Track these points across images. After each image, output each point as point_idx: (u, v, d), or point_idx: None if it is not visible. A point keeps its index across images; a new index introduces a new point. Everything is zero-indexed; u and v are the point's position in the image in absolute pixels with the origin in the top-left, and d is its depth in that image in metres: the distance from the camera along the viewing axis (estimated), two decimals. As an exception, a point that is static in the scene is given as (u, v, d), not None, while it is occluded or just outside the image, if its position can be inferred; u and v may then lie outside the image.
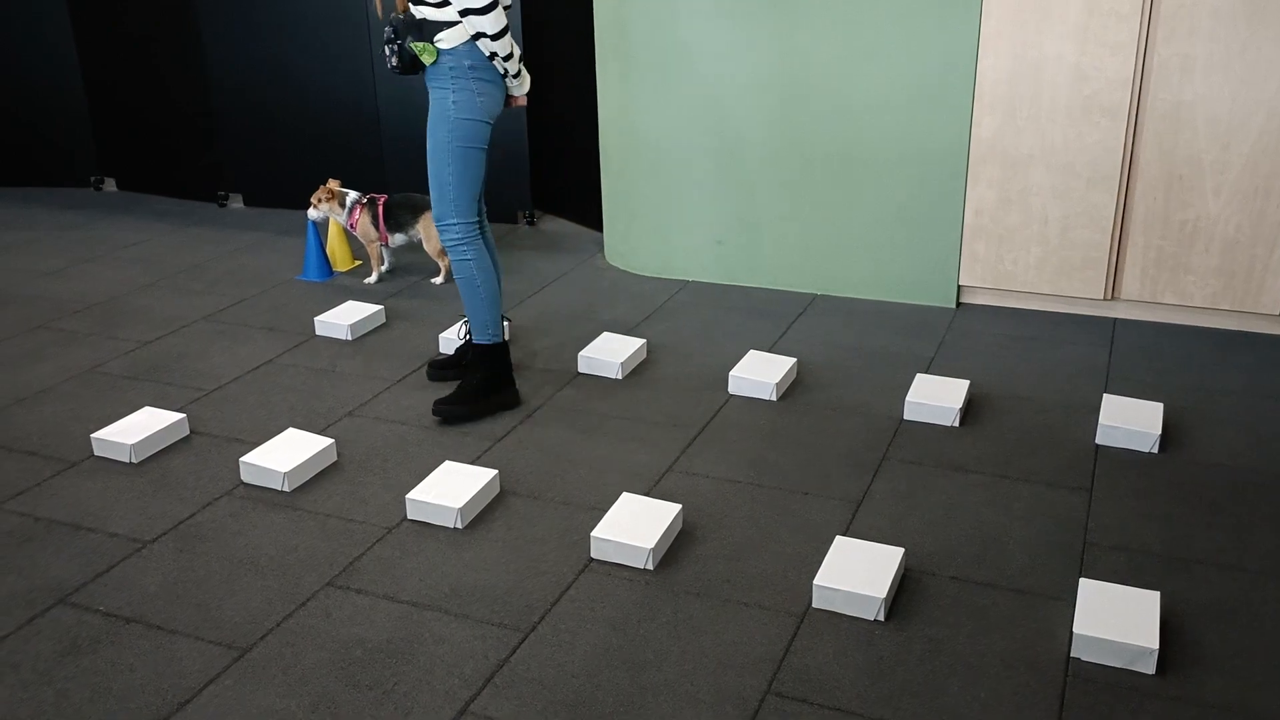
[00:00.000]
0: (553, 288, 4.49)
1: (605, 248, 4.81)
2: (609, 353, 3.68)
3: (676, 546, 2.69)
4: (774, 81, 4.12)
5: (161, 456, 3.15)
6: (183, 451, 3.18)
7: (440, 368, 3.62)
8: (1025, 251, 4.02)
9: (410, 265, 4.72)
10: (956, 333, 3.97)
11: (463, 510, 2.78)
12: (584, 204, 5.13)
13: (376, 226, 4.44)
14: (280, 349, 3.91)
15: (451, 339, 3.82)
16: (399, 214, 4.45)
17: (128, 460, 3.11)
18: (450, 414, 3.33)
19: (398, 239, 4.49)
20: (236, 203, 5.72)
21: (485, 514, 2.85)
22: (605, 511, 2.76)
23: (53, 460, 3.13)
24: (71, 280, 4.64)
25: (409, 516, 2.83)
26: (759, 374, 3.50)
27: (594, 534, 2.65)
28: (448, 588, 2.54)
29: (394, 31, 3.10)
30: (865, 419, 3.33)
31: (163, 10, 5.45)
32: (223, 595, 2.52)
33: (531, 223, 5.30)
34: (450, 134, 3.14)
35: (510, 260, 4.79)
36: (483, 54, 3.10)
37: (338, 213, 4.49)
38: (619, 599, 2.49)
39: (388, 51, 3.14)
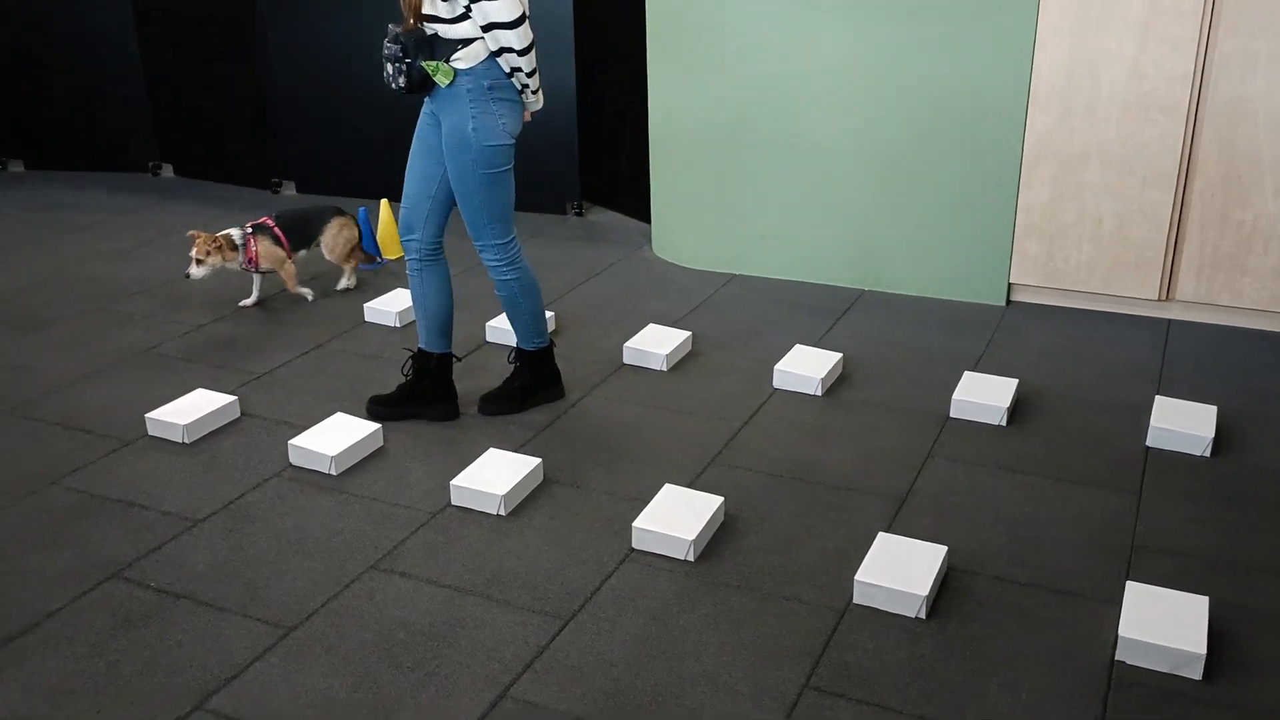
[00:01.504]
0: (599, 279, 4.50)
1: (653, 240, 4.81)
2: (654, 344, 3.69)
3: (718, 539, 2.69)
4: (826, 74, 4.09)
5: (213, 438, 3.21)
6: (233, 433, 3.24)
7: (382, 404, 3.32)
8: (1078, 250, 3.96)
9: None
10: (1006, 331, 3.92)
11: (506, 497, 2.81)
12: (632, 196, 5.13)
13: (281, 245, 4.15)
14: (329, 335, 3.96)
15: (500, 327, 3.84)
16: (299, 228, 4.22)
17: (180, 440, 3.17)
18: (496, 413, 3.33)
19: (301, 254, 4.26)
20: (290, 189, 5.79)
21: (528, 502, 2.87)
22: (647, 502, 2.77)
23: (108, 438, 3.20)
24: (130, 263, 4.73)
25: (453, 502, 2.85)
26: (804, 368, 3.48)
27: (635, 524, 2.66)
28: (489, 573, 2.57)
29: (401, 49, 2.85)
30: (911, 416, 3.30)
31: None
32: (270, 575, 2.56)
33: (579, 214, 5.32)
34: (474, 161, 2.97)
35: (557, 251, 4.81)
36: (502, 71, 2.90)
37: (231, 258, 4.06)
38: (659, 589, 2.50)
39: (391, 70, 2.89)
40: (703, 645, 2.31)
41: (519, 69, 2.91)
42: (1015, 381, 3.37)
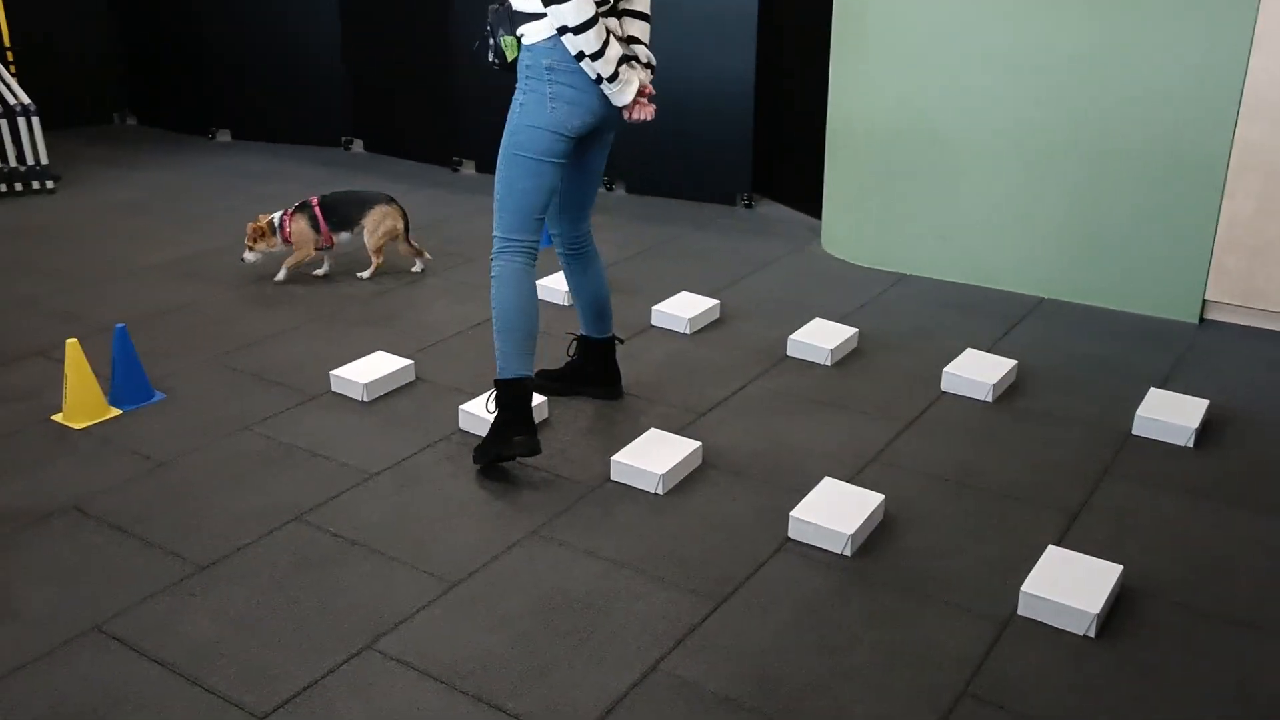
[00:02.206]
0: (766, 271, 4.48)
1: (822, 235, 4.76)
2: (819, 338, 3.65)
3: (876, 537, 2.65)
4: (1018, 71, 3.95)
5: (389, 398, 3.36)
6: (408, 395, 3.38)
7: (549, 378, 3.32)
8: (1284, 269, 3.71)
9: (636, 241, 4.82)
10: (1198, 349, 3.71)
11: (665, 476, 2.84)
12: (803, 190, 5.09)
13: (316, 229, 4.22)
14: (502, 309, 4.08)
15: (665, 311, 3.88)
16: (343, 210, 4.27)
17: (359, 398, 3.33)
18: (476, 455, 2.94)
19: (343, 237, 4.30)
20: (469, 169, 6.00)
21: (686, 483, 2.89)
22: (805, 493, 2.75)
23: (296, 392, 3.40)
24: (320, 231, 4.99)
25: (612, 478, 2.90)
26: (975, 373, 3.38)
27: (793, 514, 2.64)
28: (645, 549, 2.60)
29: (490, 24, 2.78)
30: (1088, 430, 3.16)
31: (419, -17, 5.78)
32: (436, 531, 2.67)
33: (749, 206, 5.31)
34: (510, 136, 2.79)
35: (725, 242, 4.82)
36: (567, 54, 2.68)
37: (273, 243, 4.23)
38: (813, 581, 2.48)
39: (485, 45, 2.81)
40: (855, 641, 2.28)
41: (583, 53, 2.66)
42: (1205, 402, 3.19)
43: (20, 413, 3.25)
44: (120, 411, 3.24)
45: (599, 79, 2.71)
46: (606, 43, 2.67)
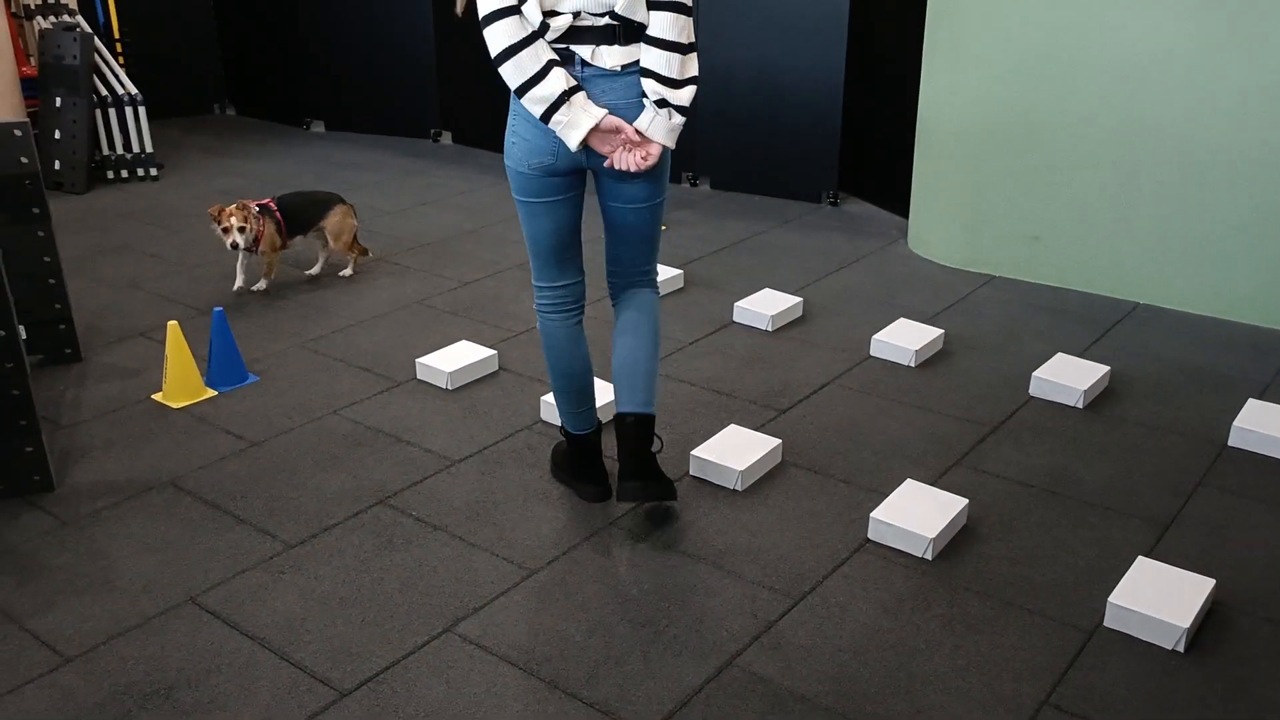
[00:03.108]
0: (851, 269, 4.44)
1: (909, 234, 4.69)
2: (904, 339, 3.61)
3: (958, 541, 2.61)
4: (1117, 67, 3.85)
5: (473, 387, 3.41)
6: (491, 385, 3.43)
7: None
8: (1398, 278, 3.55)
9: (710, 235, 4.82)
10: (1300, 360, 3.57)
11: (744, 473, 2.83)
12: (890, 189, 5.03)
13: (281, 234, 4.11)
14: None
15: (746, 308, 3.87)
16: (303, 214, 4.17)
17: (444, 386, 3.39)
18: (552, 462, 2.89)
19: (297, 240, 4.21)
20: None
21: (765, 480, 2.88)
22: (887, 495, 2.72)
23: (382, 378, 3.47)
24: (408, 221, 5.09)
25: (691, 473, 2.91)
26: (1066, 378, 3.31)
27: (874, 515, 2.62)
28: (722, 545, 2.60)
29: None
30: (1183, 439, 3.07)
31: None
32: (517, 519, 2.70)
33: (834, 204, 5.26)
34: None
35: (810, 240, 4.78)
36: None
37: (259, 229, 4.05)
38: (893, 583, 2.45)
39: None
40: (935, 645, 2.25)
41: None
42: (1309, 415, 3.07)
43: (123, 391, 3.38)
44: (216, 393, 3.35)
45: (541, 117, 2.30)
46: (538, 77, 2.24)
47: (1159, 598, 2.29)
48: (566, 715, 2.06)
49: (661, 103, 2.31)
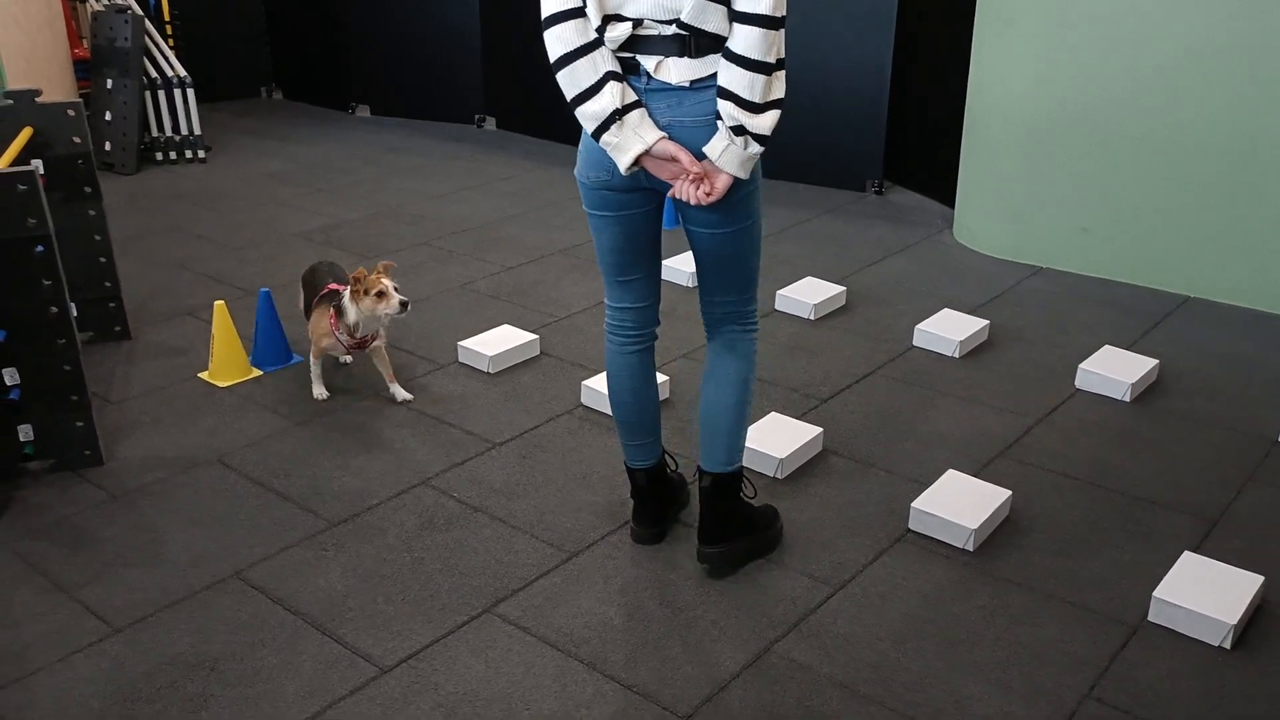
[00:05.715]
0: (896, 258, 4.40)
1: (955, 224, 4.64)
2: (948, 329, 3.57)
3: (1001, 532, 2.58)
4: (1169, 60, 3.77)
5: (514, 370, 3.43)
6: (532, 369, 3.44)
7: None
8: None
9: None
10: (1356, 356, 3.50)
11: (784, 461, 2.82)
12: (935, 178, 4.97)
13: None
14: (626, 287, 4.12)
15: (788, 293, 3.85)
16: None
17: (485, 370, 3.41)
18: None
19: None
20: (598, 149, 6.04)
21: (805, 469, 2.87)
22: (928, 485, 2.70)
23: (425, 360, 3.49)
24: (453, 205, 5.12)
25: (732, 459, 2.90)
26: (1113, 371, 3.26)
27: (915, 505, 2.60)
28: (762, 532, 2.59)
29: None
30: (1232, 434, 3.02)
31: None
32: (556, 502, 2.71)
33: (879, 192, 5.21)
34: None
35: (855, 228, 4.75)
36: None
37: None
38: (934, 574, 2.44)
39: None
40: (976, 637, 2.24)
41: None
42: (1364, 412, 3.01)
43: (171, 369, 3.43)
44: (261, 372, 3.39)
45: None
46: (592, 91, 2.03)
47: (1205, 593, 2.25)
48: (605, 697, 2.07)
49: (738, 129, 1.98)
